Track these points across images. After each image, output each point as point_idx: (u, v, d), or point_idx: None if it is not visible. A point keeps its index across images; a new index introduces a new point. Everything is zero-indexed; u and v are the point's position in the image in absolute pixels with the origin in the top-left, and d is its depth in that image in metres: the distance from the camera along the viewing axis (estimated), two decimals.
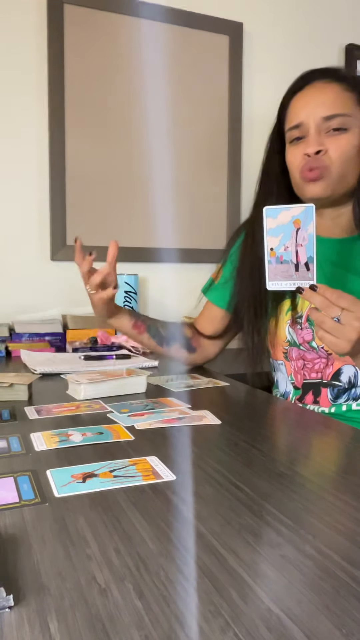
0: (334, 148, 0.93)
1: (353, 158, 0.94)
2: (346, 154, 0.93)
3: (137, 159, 1.75)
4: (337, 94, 0.94)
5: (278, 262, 0.84)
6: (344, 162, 0.94)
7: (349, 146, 0.93)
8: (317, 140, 0.94)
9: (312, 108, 0.94)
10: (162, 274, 1.82)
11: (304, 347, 1.02)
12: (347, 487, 0.58)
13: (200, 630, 0.34)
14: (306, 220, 0.81)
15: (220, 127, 1.87)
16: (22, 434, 0.74)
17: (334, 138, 0.94)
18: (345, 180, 0.95)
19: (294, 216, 0.82)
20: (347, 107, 0.93)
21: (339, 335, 0.77)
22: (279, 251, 0.84)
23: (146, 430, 0.76)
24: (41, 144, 1.65)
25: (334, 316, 0.78)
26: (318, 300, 0.79)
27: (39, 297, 1.66)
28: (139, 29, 1.71)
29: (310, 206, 0.81)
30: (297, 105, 0.97)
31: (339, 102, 0.93)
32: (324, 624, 0.35)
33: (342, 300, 0.77)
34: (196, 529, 0.48)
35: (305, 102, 0.96)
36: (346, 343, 0.77)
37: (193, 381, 1.09)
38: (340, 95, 0.94)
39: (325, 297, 0.78)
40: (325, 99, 0.94)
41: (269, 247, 0.84)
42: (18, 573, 0.40)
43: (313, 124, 0.94)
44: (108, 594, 0.38)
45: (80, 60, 1.66)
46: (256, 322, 1.06)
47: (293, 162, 0.98)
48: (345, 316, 0.77)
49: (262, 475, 0.60)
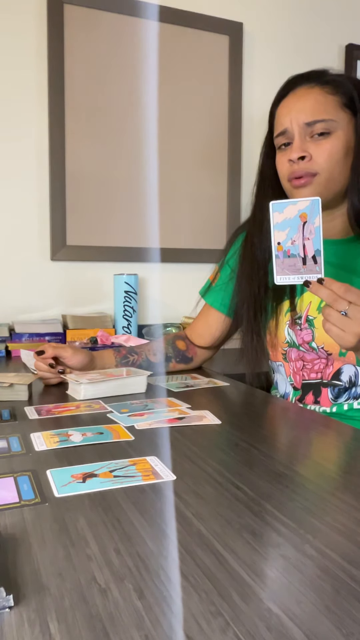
0: (319, 153, 0.94)
1: (340, 161, 0.94)
2: (332, 157, 0.94)
3: (137, 159, 1.75)
4: (318, 100, 0.94)
5: (285, 256, 0.84)
6: (330, 166, 0.94)
7: (334, 150, 0.94)
8: (301, 147, 0.94)
9: (294, 114, 0.95)
10: (162, 274, 1.82)
11: (304, 348, 1.02)
12: (347, 487, 0.58)
13: (200, 630, 0.34)
14: (312, 213, 0.81)
15: (220, 127, 1.87)
16: (22, 434, 0.74)
17: (317, 143, 0.94)
18: (334, 183, 0.95)
19: (301, 210, 0.82)
20: (329, 112, 0.93)
21: (345, 328, 0.78)
22: (286, 245, 0.84)
23: (146, 430, 0.76)
24: (41, 144, 1.65)
25: (341, 310, 0.78)
26: (325, 293, 0.79)
27: (39, 297, 1.66)
28: (139, 29, 1.71)
29: (316, 199, 0.81)
30: (281, 112, 0.98)
31: (321, 107, 0.94)
32: (324, 624, 0.35)
33: (350, 294, 0.78)
34: (196, 529, 0.48)
35: (289, 110, 0.97)
36: (352, 336, 0.78)
37: (193, 381, 1.09)
38: (322, 100, 0.94)
39: (332, 290, 0.79)
40: (306, 105, 0.95)
41: (276, 242, 0.84)
42: (18, 573, 0.40)
43: (296, 130, 0.95)
44: (108, 594, 0.38)
45: (80, 60, 1.66)
46: (255, 323, 1.06)
47: (281, 170, 0.99)
48: (352, 310, 0.77)
49: (262, 475, 0.60)
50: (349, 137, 0.94)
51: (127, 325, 1.61)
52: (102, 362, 1.09)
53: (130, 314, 1.62)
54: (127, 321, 1.62)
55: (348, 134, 0.94)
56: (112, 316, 1.65)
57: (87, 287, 1.71)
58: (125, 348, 1.17)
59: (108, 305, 1.70)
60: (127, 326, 1.61)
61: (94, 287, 1.72)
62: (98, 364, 1.09)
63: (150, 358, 1.14)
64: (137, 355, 1.14)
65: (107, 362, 1.10)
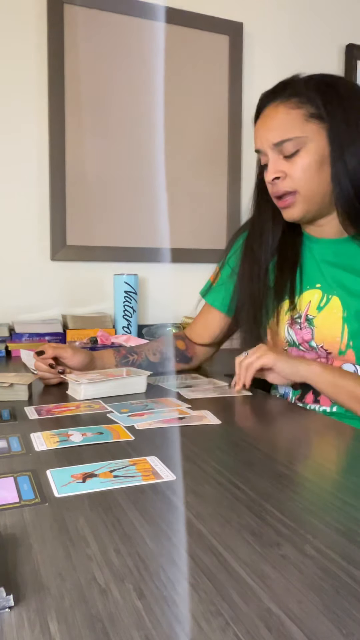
0: (293, 171, 0.95)
1: (316, 172, 0.95)
2: (305, 172, 0.94)
3: (137, 159, 1.75)
4: (283, 119, 0.95)
5: None
6: (306, 180, 0.95)
7: (306, 164, 0.94)
8: (274, 168, 0.96)
9: (264, 136, 0.97)
10: (162, 274, 1.82)
11: (304, 347, 1.02)
12: (347, 487, 0.58)
13: (200, 630, 0.34)
14: None
15: (220, 127, 1.87)
16: (22, 434, 0.74)
17: (290, 161, 0.95)
18: (316, 195, 0.96)
19: None
20: (295, 129, 0.94)
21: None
22: None
23: (146, 430, 0.76)
24: (41, 143, 1.65)
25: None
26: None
27: (39, 297, 1.66)
28: (139, 29, 1.71)
29: None
30: (256, 134, 1.01)
31: (287, 125, 0.94)
32: (324, 624, 0.35)
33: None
34: (196, 529, 0.48)
35: (260, 132, 0.99)
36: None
37: (193, 381, 1.09)
38: (287, 118, 0.95)
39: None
40: (272, 125, 0.96)
41: None
42: (18, 573, 0.40)
43: (268, 151, 0.97)
44: (108, 594, 0.38)
45: (80, 60, 1.66)
46: (255, 323, 1.07)
47: (268, 189, 1.02)
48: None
49: (262, 475, 0.60)
50: (321, 146, 0.94)
51: (127, 325, 1.61)
52: (102, 362, 1.09)
53: (130, 314, 1.62)
54: (127, 321, 1.62)
55: (319, 144, 0.94)
56: (112, 316, 1.65)
57: (87, 287, 1.71)
58: (125, 348, 1.17)
59: (108, 305, 1.70)
60: (127, 326, 1.61)
61: (94, 287, 1.72)
62: (98, 364, 1.09)
63: (150, 358, 1.15)
64: (137, 355, 1.14)
65: (107, 362, 1.10)
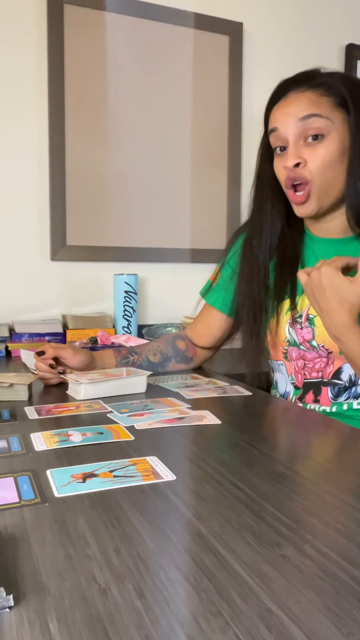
0: (313, 159, 0.93)
1: (334, 165, 0.94)
2: (325, 163, 0.93)
3: (137, 159, 1.75)
4: (311, 100, 0.93)
5: None
6: (324, 172, 0.94)
7: (328, 155, 0.93)
8: (295, 153, 0.94)
9: (290, 110, 0.94)
10: (162, 274, 1.82)
11: (304, 347, 1.02)
12: (347, 487, 0.58)
13: (200, 630, 0.34)
14: None
15: (220, 127, 1.87)
16: (22, 434, 0.74)
17: (312, 148, 0.93)
18: (331, 188, 0.95)
19: None
20: (322, 109, 0.93)
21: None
22: None
23: (146, 430, 0.76)
24: (41, 144, 1.65)
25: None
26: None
27: (39, 297, 1.66)
28: (139, 29, 1.71)
29: None
30: (275, 112, 0.97)
31: (313, 105, 0.93)
32: (324, 624, 0.35)
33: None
34: (196, 529, 0.48)
35: (280, 109, 0.96)
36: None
37: (193, 381, 1.09)
38: (316, 100, 0.93)
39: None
40: (300, 102, 0.94)
41: None
42: (18, 573, 0.40)
43: (290, 135, 0.94)
44: (108, 594, 0.38)
45: (80, 60, 1.66)
46: (255, 324, 1.07)
47: (278, 175, 1.00)
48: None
49: (262, 475, 0.60)
50: (344, 137, 0.94)
51: (127, 325, 1.61)
52: (102, 362, 1.09)
53: (130, 314, 1.62)
54: (127, 321, 1.62)
55: (342, 134, 0.94)
56: (112, 316, 1.65)
57: (87, 287, 1.71)
58: (125, 348, 1.17)
59: (108, 305, 1.70)
60: (127, 326, 1.61)
61: (94, 287, 1.72)
62: (98, 364, 1.09)
63: (150, 358, 1.14)
64: (137, 355, 1.13)
65: (107, 362, 1.10)
